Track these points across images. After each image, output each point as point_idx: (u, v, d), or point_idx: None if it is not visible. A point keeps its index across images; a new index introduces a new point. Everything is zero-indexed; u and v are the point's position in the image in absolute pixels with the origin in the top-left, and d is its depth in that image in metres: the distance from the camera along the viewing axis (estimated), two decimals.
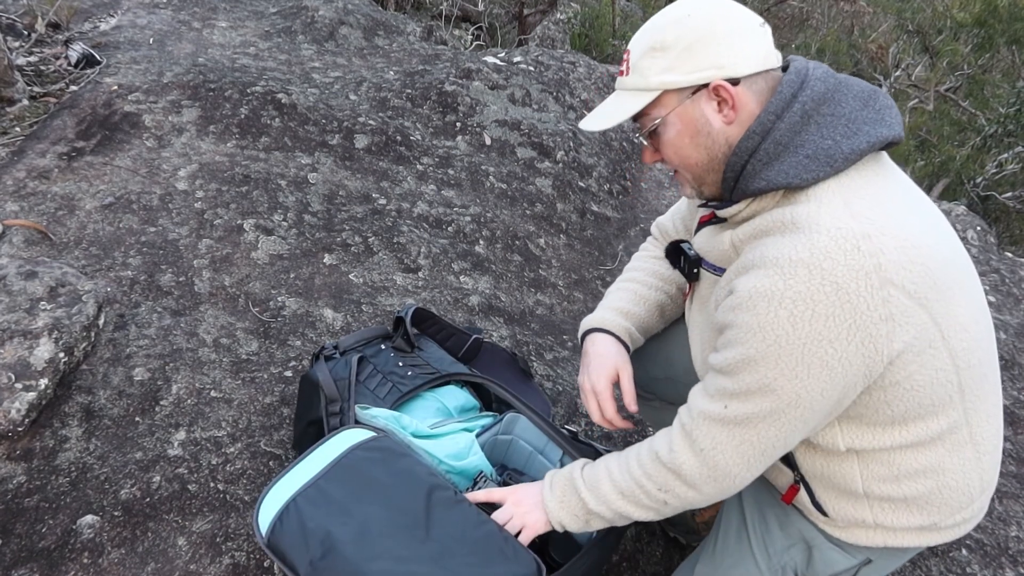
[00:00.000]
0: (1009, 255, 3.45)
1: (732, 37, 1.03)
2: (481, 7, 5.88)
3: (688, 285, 1.25)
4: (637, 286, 1.45)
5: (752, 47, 1.04)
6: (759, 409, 0.99)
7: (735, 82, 1.03)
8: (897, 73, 7.33)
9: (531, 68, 3.54)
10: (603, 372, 1.32)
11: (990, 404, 1.08)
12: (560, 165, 3.02)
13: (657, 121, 1.08)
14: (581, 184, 3.02)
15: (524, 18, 5.99)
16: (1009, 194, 5.58)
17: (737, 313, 0.98)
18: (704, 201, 1.17)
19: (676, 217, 1.45)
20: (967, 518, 1.13)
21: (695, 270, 1.20)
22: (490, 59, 3.55)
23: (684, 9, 1.06)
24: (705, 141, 1.06)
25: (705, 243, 1.17)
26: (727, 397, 1.02)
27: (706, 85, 1.03)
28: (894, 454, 1.05)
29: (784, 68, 1.10)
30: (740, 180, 1.04)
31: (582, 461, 1.25)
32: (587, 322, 1.42)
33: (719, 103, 1.04)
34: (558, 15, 6.50)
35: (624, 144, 3.43)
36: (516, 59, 3.62)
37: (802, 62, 1.06)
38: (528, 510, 1.23)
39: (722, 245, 1.11)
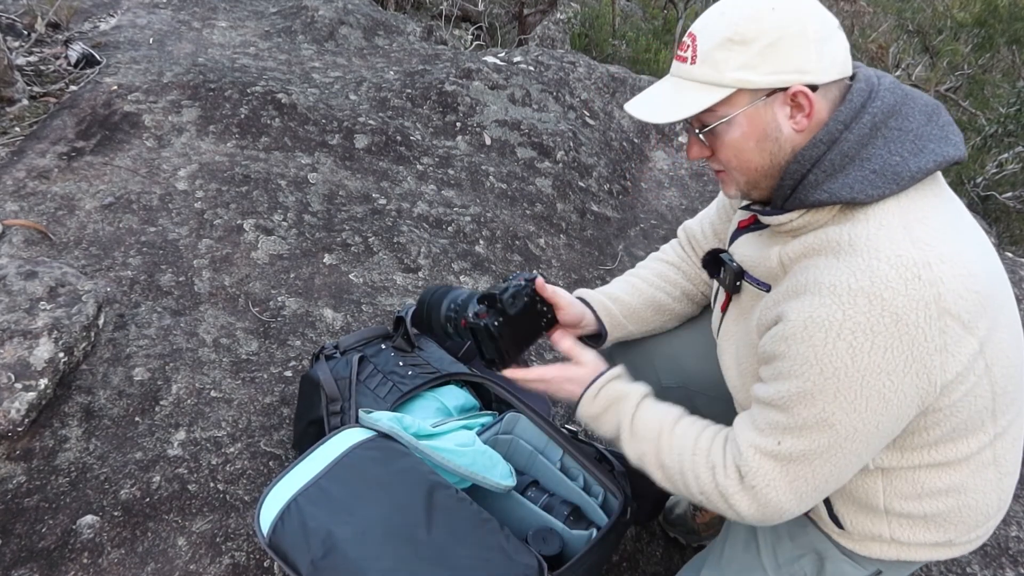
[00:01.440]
0: (1009, 255, 3.44)
1: (818, 39, 0.95)
2: (481, 7, 5.87)
3: (724, 296, 1.19)
4: (635, 279, 1.41)
5: (834, 52, 0.97)
6: (815, 444, 0.96)
7: (814, 89, 0.96)
8: (897, 73, 7.33)
9: (531, 68, 3.54)
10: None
11: (1017, 427, 1.07)
12: (560, 165, 3.02)
13: (724, 120, 0.99)
14: (581, 184, 3.01)
15: (524, 18, 5.99)
16: (1009, 194, 5.58)
17: (791, 344, 0.94)
18: (747, 204, 1.11)
19: (705, 222, 1.39)
20: (980, 535, 1.13)
21: (737, 283, 1.14)
22: (490, 59, 3.55)
23: (768, 1, 0.96)
24: (771, 147, 0.99)
25: (748, 255, 1.12)
26: (780, 432, 0.98)
27: (784, 89, 0.96)
28: (920, 472, 1.04)
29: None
30: (798, 189, 0.98)
31: (637, 397, 1.18)
32: None
33: (793, 109, 0.97)
34: (558, 15, 6.50)
35: (624, 144, 3.43)
36: (516, 59, 3.62)
37: (868, 70, 1.00)
38: (570, 383, 1.21)
39: (769, 261, 1.05)
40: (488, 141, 3.05)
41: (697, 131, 1.03)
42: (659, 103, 1.03)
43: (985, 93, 6.98)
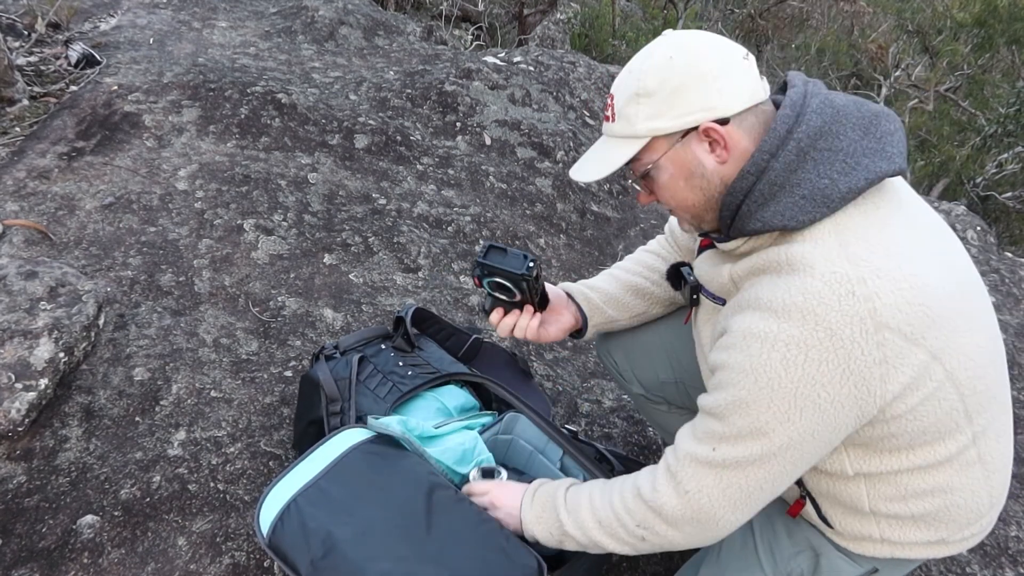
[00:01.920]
0: (1009, 255, 3.45)
1: (718, 76, 1.00)
2: (481, 7, 5.88)
3: (689, 308, 1.24)
4: (614, 270, 1.47)
5: (738, 84, 1.01)
6: (749, 452, 0.99)
7: (724, 122, 1.00)
8: (897, 73, 7.33)
9: (531, 68, 3.54)
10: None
11: (999, 423, 1.07)
12: (560, 165, 3.02)
13: (649, 166, 1.07)
14: (581, 184, 3.02)
15: (524, 18, 5.99)
16: (1009, 194, 5.59)
17: (730, 353, 0.98)
18: (704, 233, 1.16)
19: None
20: (975, 532, 1.13)
21: (694, 296, 1.20)
22: (490, 59, 3.55)
23: (665, 51, 1.02)
24: (700, 182, 1.05)
25: (706, 271, 1.16)
26: (716, 440, 1.01)
27: (696, 128, 1.01)
28: (902, 476, 1.05)
29: (782, 87, 1.07)
30: (736, 220, 1.03)
31: (568, 481, 1.25)
32: None
33: (711, 143, 1.02)
34: (558, 15, 6.51)
35: None
36: (516, 59, 3.62)
37: (799, 89, 1.02)
38: (504, 516, 1.23)
39: (721, 278, 1.10)
40: (488, 141, 3.05)
41: (632, 181, 1.10)
42: (591, 162, 1.12)
43: (985, 93, 6.99)
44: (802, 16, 9.80)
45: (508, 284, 1.29)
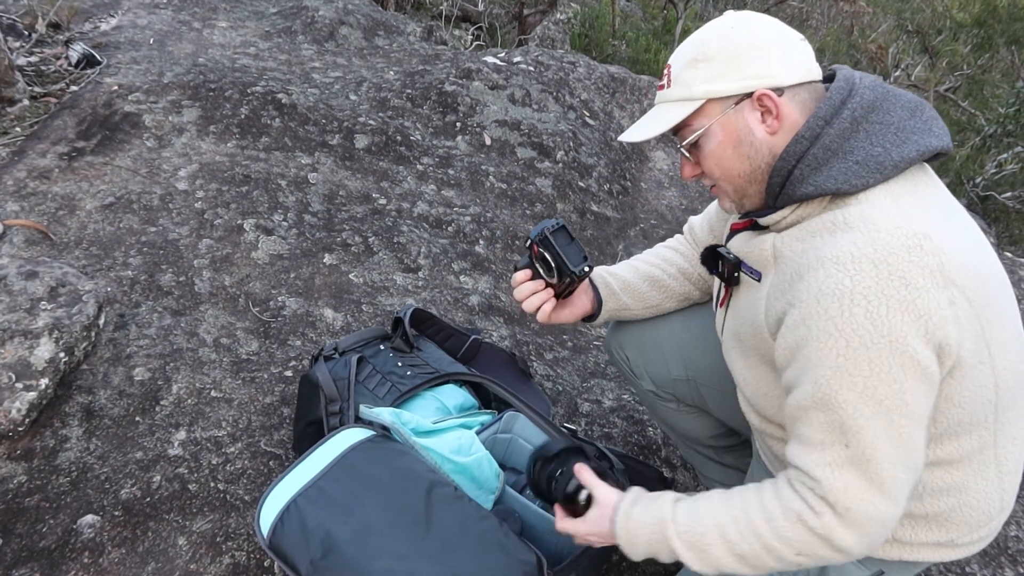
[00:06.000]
0: (1009, 255, 3.45)
1: (776, 47, 1.03)
2: (481, 7, 5.88)
3: (723, 291, 1.21)
4: (634, 260, 1.49)
5: (795, 58, 1.04)
6: (876, 431, 0.91)
7: (779, 92, 1.02)
8: (897, 73, 7.34)
9: (531, 68, 3.54)
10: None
11: (1017, 426, 1.07)
12: (560, 165, 3.02)
13: (699, 132, 1.07)
14: (581, 184, 3.02)
15: (524, 18, 5.99)
16: (1008, 194, 5.59)
17: (809, 324, 0.91)
18: (744, 213, 1.14)
19: (705, 220, 1.44)
20: (983, 536, 1.13)
21: (736, 274, 1.14)
22: (490, 59, 3.55)
23: (727, 23, 1.07)
24: (748, 151, 1.05)
25: (742, 247, 1.14)
26: (839, 433, 0.93)
27: (750, 94, 1.03)
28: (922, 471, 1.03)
29: (829, 78, 1.09)
30: (787, 185, 1.02)
31: (671, 499, 1.08)
32: None
33: (763, 113, 1.04)
34: (558, 15, 6.51)
35: (624, 144, 3.43)
36: (516, 59, 3.62)
37: (849, 71, 1.05)
38: (600, 541, 1.14)
39: (762, 246, 1.08)
40: (488, 141, 3.05)
41: (681, 148, 1.11)
42: (644, 124, 1.14)
43: (984, 93, 6.99)
44: (802, 16, 9.81)
45: (554, 267, 1.30)
